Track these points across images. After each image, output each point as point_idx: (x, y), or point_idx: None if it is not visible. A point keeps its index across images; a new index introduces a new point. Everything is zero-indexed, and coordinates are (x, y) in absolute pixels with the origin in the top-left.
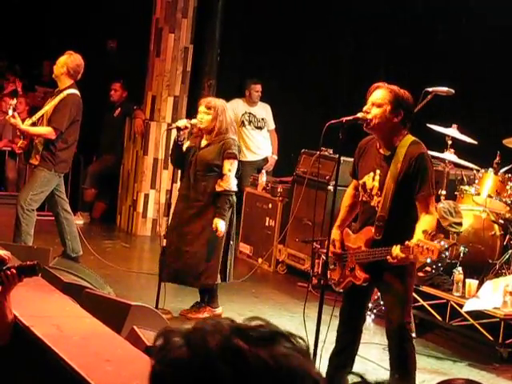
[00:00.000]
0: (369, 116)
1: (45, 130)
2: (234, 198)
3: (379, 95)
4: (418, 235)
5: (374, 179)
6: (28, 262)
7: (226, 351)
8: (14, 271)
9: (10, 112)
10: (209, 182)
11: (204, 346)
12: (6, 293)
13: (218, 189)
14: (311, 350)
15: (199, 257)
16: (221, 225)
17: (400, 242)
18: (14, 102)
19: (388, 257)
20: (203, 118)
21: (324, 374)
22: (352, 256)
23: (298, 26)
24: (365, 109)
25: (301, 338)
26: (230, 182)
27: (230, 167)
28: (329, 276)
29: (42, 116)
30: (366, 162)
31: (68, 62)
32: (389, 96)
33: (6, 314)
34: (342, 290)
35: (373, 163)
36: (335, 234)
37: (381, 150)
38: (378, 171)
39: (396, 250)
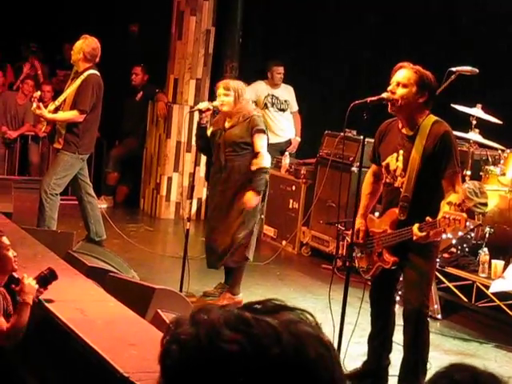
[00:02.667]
0: (395, 96)
1: (71, 115)
2: (268, 175)
3: (405, 75)
4: (444, 208)
5: (397, 160)
6: (43, 272)
7: (231, 321)
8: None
9: (35, 105)
10: (241, 160)
11: (209, 319)
12: (28, 296)
13: (253, 168)
14: (320, 326)
15: (236, 236)
16: (254, 200)
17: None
18: (38, 93)
19: (413, 236)
20: (224, 100)
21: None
22: (378, 240)
23: (321, 6)
24: (390, 88)
25: (310, 314)
26: (265, 159)
27: (262, 142)
28: (357, 264)
29: (65, 100)
30: (388, 143)
31: (83, 46)
32: (414, 76)
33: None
34: (370, 277)
35: (395, 144)
36: (359, 223)
37: (403, 130)
38: (401, 151)
39: (414, 228)
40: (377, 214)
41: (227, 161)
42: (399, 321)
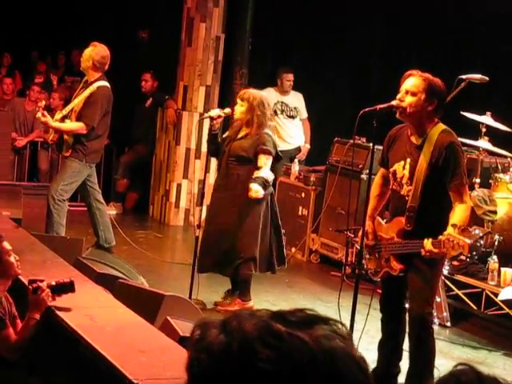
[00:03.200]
0: (403, 104)
1: (76, 126)
2: (269, 191)
3: (413, 83)
4: (449, 229)
5: (404, 168)
6: (64, 280)
7: (264, 334)
8: (49, 292)
9: (39, 113)
10: (242, 170)
11: (241, 330)
12: (39, 311)
13: (254, 175)
14: (352, 335)
15: (236, 247)
16: (255, 187)
17: (431, 232)
18: (43, 103)
19: (421, 250)
20: (237, 109)
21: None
22: (386, 247)
23: (330, 13)
24: (399, 97)
25: (341, 324)
26: (265, 172)
27: (266, 161)
28: (366, 265)
29: (72, 109)
30: (396, 150)
31: (93, 54)
32: (423, 84)
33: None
34: (379, 279)
35: (403, 151)
36: (367, 225)
37: (412, 138)
38: (408, 160)
39: (428, 244)
40: (385, 219)
41: (229, 168)
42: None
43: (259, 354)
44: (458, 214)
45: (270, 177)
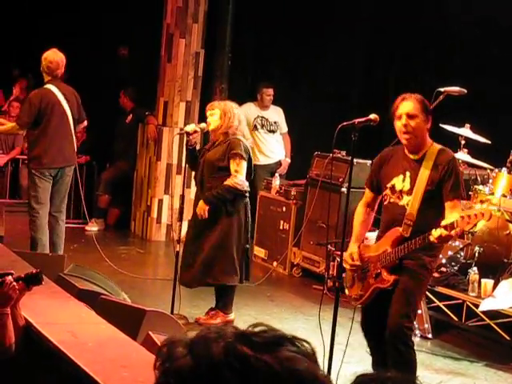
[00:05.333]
0: (409, 129)
1: (10, 127)
2: (244, 201)
3: (412, 107)
4: (454, 216)
5: (404, 180)
6: (32, 271)
7: (230, 358)
8: (22, 283)
9: None
10: (215, 183)
11: (208, 353)
12: (16, 302)
13: (224, 183)
14: (316, 353)
15: (211, 259)
16: (201, 208)
17: None
18: None
19: (430, 237)
20: (210, 119)
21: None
22: (377, 262)
23: (309, 28)
24: (403, 123)
25: (306, 342)
26: (237, 181)
27: (237, 168)
28: (347, 293)
29: None
30: (392, 167)
31: (43, 59)
32: (419, 106)
33: (17, 322)
34: (360, 306)
35: (402, 167)
36: (352, 247)
37: (410, 156)
38: (407, 173)
39: (437, 231)
40: (374, 234)
41: (204, 181)
42: None
43: (226, 379)
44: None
45: (240, 183)
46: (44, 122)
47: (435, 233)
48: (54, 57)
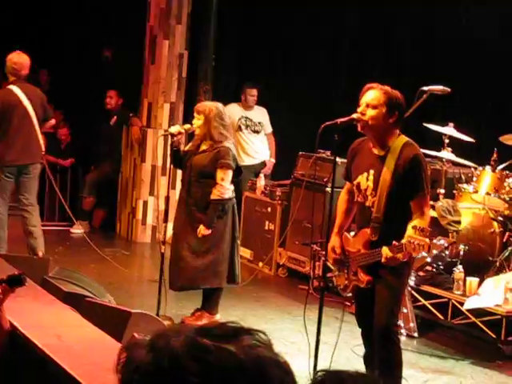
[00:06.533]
0: (365, 118)
1: None
2: (232, 202)
3: (374, 96)
4: (409, 232)
5: (367, 179)
6: (15, 273)
7: (191, 349)
8: (5, 285)
9: None
10: (202, 188)
11: (169, 347)
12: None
13: (211, 197)
14: (273, 345)
15: (195, 261)
16: (201, 230)
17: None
18: None
19: (382, 258)
20: (195, 122)
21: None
22: (353, 260)
23: (295, 29)
24: (360, 110)
25: (263, 333)
26: (223, 191)
27: (224, 176)
28: (335, 282)
29: None
30: (359, 162)
31: (7, 60)
32: (383, 97)
33: (1, 325)
34: (350, 294)
35: (366, 163)
36: (334, 240)
37: (374, 150)
38: (371, 171)
39: (385, 250)
40: (352, 233)
41: (191, 185)
42: None
43: (189, 369)
44: (418, 220)
45: (227, 194)
46: (5, 122)
47: (384, 251)
48: (18, 58)
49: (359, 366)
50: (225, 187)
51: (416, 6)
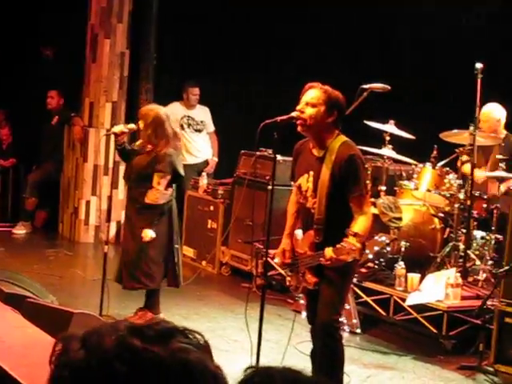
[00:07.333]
0: (304, 116)
1: None
2: (168, 206)
3: (313, 95)
4: (348, 237)
5: (308, 181)
6: None
7: (121, 350)
8: None
9: None
10: (140, 189)
11: (100, 346)
12: None
13: (146, 200)
14: (210, 345)
15: (136, 261)
16: (146, 234)
17: (340, 243)
18: None
19: (321, 259)
20: (140, 125)
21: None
22: (301, 261)
23: (235, 27)
24: (299, 108)
25: (198, 334)
26: (158, 196)
27: (160, 181)
28: (288, 282)
29: None
30: (300, 163)
31: None
32: (323, 96)
33: None
34: (301, 295)
35: (306, 164)
36: (284, 243)
37: (314, 151)
38: (311, 172)
39: (328, 251)
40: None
41: (132, 184)
42: None
43: (117, 370)
44: (357, 222)
45: (161, 199)
46: None
47: (327, 252)
48: None
49: (302, 363)
50: (160, 192)
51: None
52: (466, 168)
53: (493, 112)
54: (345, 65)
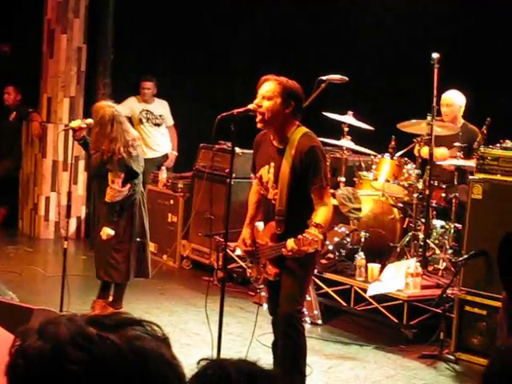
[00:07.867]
0: (261, 110)
1: None
2: (129, 201)
3: (268, 88)
4: (309, 228)
5: (269, 172)
6: None
7: (76, 338)
8: None
9: None
10: (100, 185)
11: (56, 335)
12: None
13: (105, 198)
14: (168, 338)
15: (102, 253)
16: (104, 232)
17: (301, 234)
18: None
19: (283, 249)
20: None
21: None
22: (262, 253)
23: (193, 20)
24: (256, 102)
25: (156, 325)
26: (113, 194)
27: (113, 179)
28: (248, 274)
29: None
30: (261, 154)
31: None
32: (278, 88)
33: None
34: (262, 286)
35: (267, 156)
36: (245, 232)
37: (274, 142)
38: (272, 164)
39: (290, 242)
40: (262, 224)
41: (92, 179)
42: None
43: (70, 357)
44: (319, 213)
45: (116, 194)
46: None
47: (289, 244)
48: None
49: (264, 356)
50: (115, 190)
51: None
52: (425, 151)
53: (455, 97)
54: (304, 56)
